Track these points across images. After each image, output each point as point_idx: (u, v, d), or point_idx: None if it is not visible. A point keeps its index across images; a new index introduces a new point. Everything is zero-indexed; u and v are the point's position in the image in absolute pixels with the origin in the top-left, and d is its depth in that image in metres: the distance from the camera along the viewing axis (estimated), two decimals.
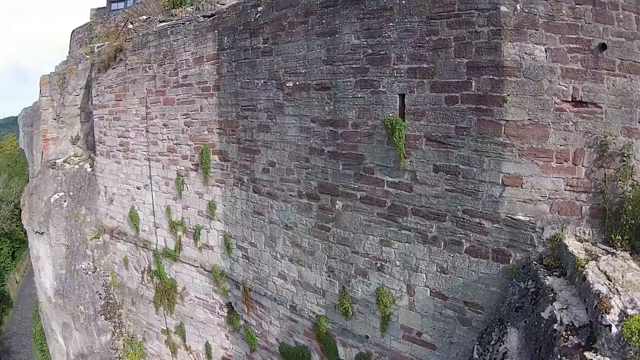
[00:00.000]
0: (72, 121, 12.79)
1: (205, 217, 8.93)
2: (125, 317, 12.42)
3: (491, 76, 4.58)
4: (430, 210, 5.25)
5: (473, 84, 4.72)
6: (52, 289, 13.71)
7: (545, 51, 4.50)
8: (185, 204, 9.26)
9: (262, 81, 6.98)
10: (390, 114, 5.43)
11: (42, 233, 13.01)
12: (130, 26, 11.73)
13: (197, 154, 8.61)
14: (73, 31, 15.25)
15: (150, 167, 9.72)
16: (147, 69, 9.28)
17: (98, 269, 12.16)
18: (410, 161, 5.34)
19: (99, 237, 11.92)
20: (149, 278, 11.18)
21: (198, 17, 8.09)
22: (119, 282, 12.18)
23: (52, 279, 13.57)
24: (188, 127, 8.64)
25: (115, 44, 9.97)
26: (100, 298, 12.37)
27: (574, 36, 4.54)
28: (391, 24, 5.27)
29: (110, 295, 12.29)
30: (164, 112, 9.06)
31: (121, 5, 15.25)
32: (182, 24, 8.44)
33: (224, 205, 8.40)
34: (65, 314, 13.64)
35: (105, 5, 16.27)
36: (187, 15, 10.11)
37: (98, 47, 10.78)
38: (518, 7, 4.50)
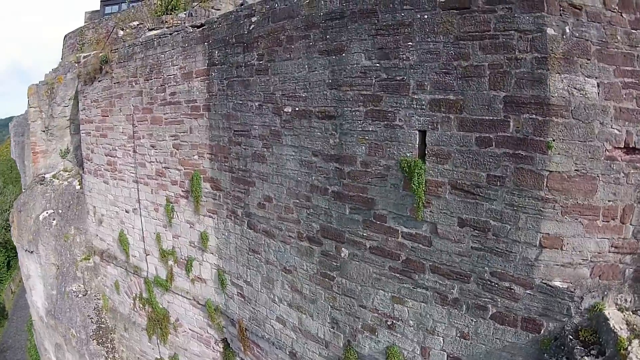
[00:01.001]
0: (61, 133, 11.86)
1: (197, 248, 7.96)
2: (118, 342, 11.54)
3: (534, 115, 3.61)
4: (452, 269, 4.27)
5: (511, 123, 3.72)
6: (44, 308, 12.88)
7: (598, 86, 3.58)
8: (175, 232, 8.29)
9: (256, 104, 5.96)
10: (408, 154, 4.40)
11: (32, 252, 12.15)
12: (121, 33, 10.74)
13: (187, 180, 7.62)
14: (65, 36, 14.25)
15: (138, 190, 8.76)
16: (134, 84, 8.29)
17: (89, 292, 11.28)
18: (431, 211, 4.33)
19: (89, 259, 11.02)
20: (141, 305, 10.27)
21: (186, 27, 7.07)
22: (111, 306, 11.30)
23: (43, 298, 12.73)
24: (177, 149, 7.64)
25: (100, 54, 8.99)
26: (92, 322, 11.51)
27: (630, 68, 3.69)
28: (410, 43, 4.22)
29: (102, 320, 11.42)
30: (152, 131, 8.07)
31: (115, 8, 14.24)
32: (170, 34, 7.42)
33: (217, 238, 7.43)
34: (57, 335, 12.82)
35: (99, 8, 15.35)
36: (179, 22, 9.09)
37: (84, 57, 9.79)
38: (567, 31, 3.49)
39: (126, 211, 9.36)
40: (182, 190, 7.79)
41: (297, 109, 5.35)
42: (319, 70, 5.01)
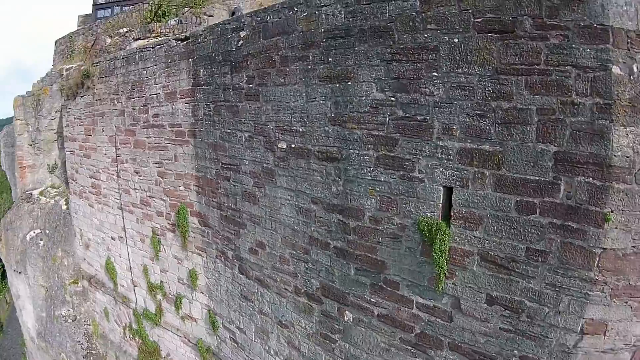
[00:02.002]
0: (49, 147, 10.98)
1: (186, 285, 7.05)
2: None
3: (591, 179, 2.73)
4: (475, 349, 3.40)
5: (562, 187, 2.82)
6: (35, 329, 12.08)
7: None
8: (163, 267, 7.38)
9: (246, 134, 5.00)
10: (429, 214, 3.42)
11: (20, 272, 11.34)
12: (109, 41, 9.80)
13: (174, 212, 6.69)
14: (56, 41, 13.33)
15: (123, 218, 7.85)
16: (115, 102, 7.35)
17: (78, 317, 10.45)
18: (454, 284, 3.39)
19: (78, 283, 10.17)
20: (131, 335, 9.40)
21: (170, 41, 6.10)
22: (102, 332, 10.46)
23: (33, 319, 11.93)
24: (162, 178, 6.71)
25: (82, 68, 8.07)
26: (82, 348, 10.70)
27: None
28: (435, 74, 3.22)
29: (93, 346, 10.58)
30: (135, 156, 7.14)
31: (108, 12, 13.30)
32: (152, 47, 6.45)
33: (207, 278, 6.51)
34: (48, 358, 12.06)
35: (92, 12, 14.38)
36: (167, 31, 8.13)
37: (67, 69, 8.88)
38: (635, 70, 2.59)
39: (112, 238, 8.46)
40: (169, 223, 6.86)
41: (292, 145, 4.38)
42: (319, 101, 4.03)
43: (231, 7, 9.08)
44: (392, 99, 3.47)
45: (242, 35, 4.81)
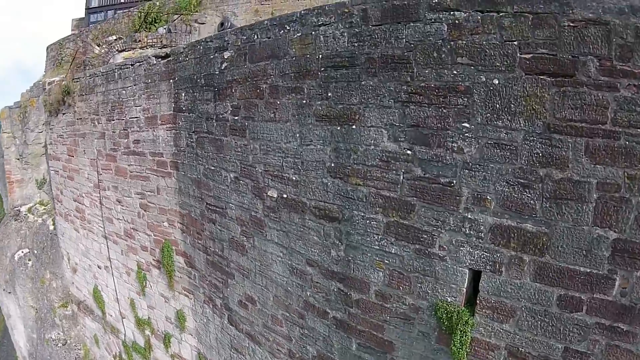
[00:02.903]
0: (37, 161, 10.27)
1: (174, 325, 6.30)
2: None
3: None
4: None
5: (617, 283, 2.07)
6: (26, 350, 11.46)
7: None
8: (150, 303, 6.64)
9: (231, 175, 4.20)
10: (449, 298, 2.59)
11: (10, 292, 10.70)
12: (96, 50, 9.02)
13: (158, 248, 5.93)
14: (48, 47, 12.57)
15: (108, 247, 7.11)
16: (96, 123, 6.57)
17: (69, 342, 9.78)
18: None
19: (67, 307, 9.48)
20: None
21: (150, 58, 5.29)
22: (93, 357, 9.81)
23: (24, 339, 11.30)
24: (145, 211, 5.94)
25: (63, 83, 7.30)
26: None
27: None
28: (466, 125, 2.39)
29: None
30: (117, 184, 6.37)
31: (101, 16, 12.50)
32: (131, 65, 5.65)
33: (195, 322, 5.75)
34: None
35: (84, 16, 13.55)
36: (154, 41, 7.31)
37: (49, 82, 8.12)
38: None
39: (98, 267, 7.73)
40: (154, 259, 6.10)
41: (284, 195, 3.57)
42: (315, 145, 3.21)
43: (225, 13, 8.25)
44: (409, 152, 2.64)
45: (225, 57, 3.99)
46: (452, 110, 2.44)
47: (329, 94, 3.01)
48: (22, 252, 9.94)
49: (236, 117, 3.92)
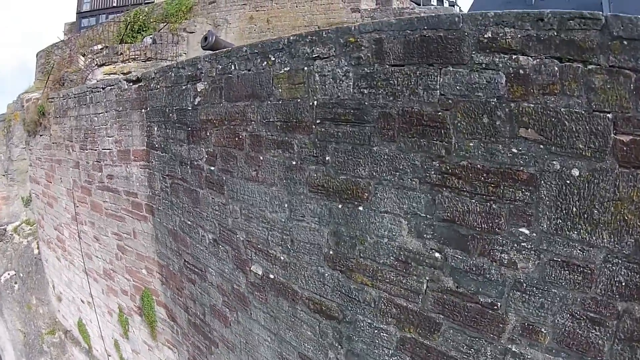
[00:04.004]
0: (22, 178, 9.51)
1: None
2: None
3: None
4: None
5: None
6: None
7: None
8: (134, 347, 5.87)
9: (209, 236, 3.36)
10: None
11: None
12: (81, 61, 8.19)
13: (138, 295, 5.13)
14: (37, 54, 11.78)
15: (89, 284, 6.35)
16: (70, 150, 5.76)
17: None
18: None
19: (55, 334, 8.75)
20: None
21: (121, 82, 4.44)
22: None
23: None
24: (122, 253, 5.13)
25: (39, 102, 6.50)
26: None
27: None
28: (525, 231, 1.48)
29: None
30: (93, 220, 5.56)
31: (93, 20, 11.64)
32: (102, 88, 4.80)
33: None
34: None
35: (75, 20, 12.66)
36: (136, 54, 6.45)
37: (27, 99, 7.32)
38: None
39: (81, 301, 6.97)
40: (135, 306, 5.31)
41: (271, 276, 2.72)
42: (309, 222, 2.36)
43: (216, 20, 7.34)
44: (437, 255, 1.77)
45: (199, 90, 3.12)
46: (506, 207, 1.57)
47: (327, 158, 2.14)
48: (9, 274, 9.24)
49: (212, 168, 3.06)
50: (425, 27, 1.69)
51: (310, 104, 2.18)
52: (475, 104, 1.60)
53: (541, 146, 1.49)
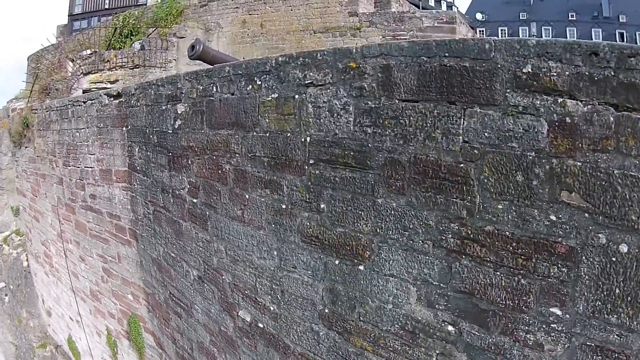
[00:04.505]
0: (12, 187, 9.09)
1: None
2: None
3: None
4: None
5: None
6: None
7: None
8: None
9: (194, 272, 3.01)
10: None
11: None
12: (70, 67, 7.79)
13: (126, 320, 4.79)
14: (28, 58, 11.36)
15: (77, 302, 6.01)
16: (54, 165, 5.39)
17: None
18: None
19: (46, 347, 8.41)
20: None
21: (101, 97, 4.08)
22: None
23: None
24: (108, 276, 4.78)
25: (23, 113, 6.12)
26: None
27: None
28: (558, 311, 1.11)
29: None
30: (78, 239, 5.20)
31: (84, 23, 11.19)
32: (84, 102, 4.43)
33: None
34: None
35: (67, 23, 12.20)
36: (124, 61, 6.08)
37: (12, 109, 6.94)
38: None
39: (70, 318, 6.63)
40: (122, 329, 4.96)
41: (260, 325, 2.38)
42: (302, 275, 2.00)
43: (208, 25, 6.93)
44: (451, 329, 1.42)
45: (179, 112, 2.75)
46: (537, 284, 1.22)
47: (322, 206, 1.79)
48: None
49: (195, 201, 2.71)
50: (447, 54, 1.33)
51: (302, 139, 1.83)
52: (507, 156, 1.25)
53: (586, 215, 1.15)
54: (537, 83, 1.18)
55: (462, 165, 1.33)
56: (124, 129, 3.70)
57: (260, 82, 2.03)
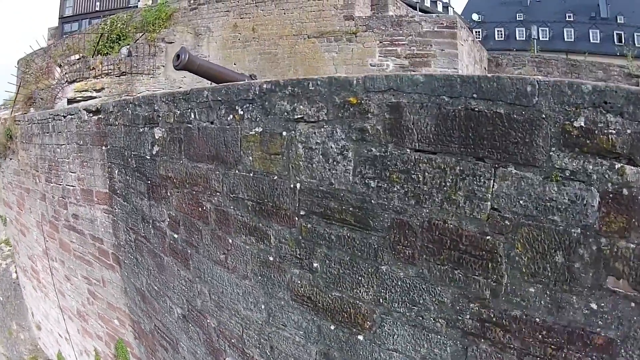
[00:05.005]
0: (0, 195, 8.81)
1: None
2: None
3: None
4: None
5: None
6: None
7: None
8: None
9: (178, 310, 2.72)
10: None
11: None
12: (57, 74, 7.44)
13: (113, 344, 4.51)
14: (19, 61, 10.94)
15: (65, 320, 5.72)
16: (37, 180, 5.07)
17: None
18: None
19: None
20: None
21: (80, 112, 3.76)
22: None
23: None
24: (94, 299, 4.48)
25: (6, 124, 5.78)
26: None
27: None
28: None
29: None
30: (63, 258, 4.90)
31: (75, 26, 10.77)
32: (64, 117, 4.11)
33: None
34: None
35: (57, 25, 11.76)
36: (110, 68, 5.75)
37: None
38: None
39: (59, 334, 6.34)
40: (110, 353, 4.67)
41: None
42: (293, 334, 1.69)
43: (197, 29, 6.58)
44: None
45: (156, 137, 2.46)
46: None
47: (315, 265, 1.50)
48: None
49: (175, 236, 2.42)
50: (475, 95, 1.05)
51: (292, 185, 1.54)
52: (547, 232, 0.97)
53: (632, 304, 0.89)
54: (591, 142, 0.90)
55: (488, 237, 1.05)
56: (104, 148, 3.39)
57: (242, 112, 1.73)
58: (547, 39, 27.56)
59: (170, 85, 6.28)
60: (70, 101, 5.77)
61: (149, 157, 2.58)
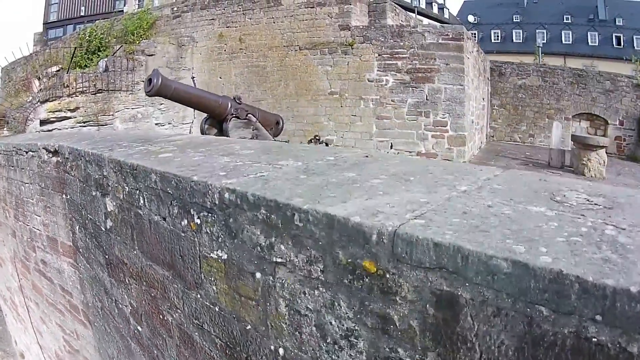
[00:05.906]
0: None
1: None
2: None
3: None
4: None
5: None
6: None
7: None
8: None
9: None
10: None
11: None
12: (36, 86, 6.83)
13: None
14: (3, 69, 10.32)
15: (45, 359, 5.25)
16: (7, 215, 4.55)
17: None
18: None
19: None
20: None
21: (40, 150, 3.22)
22: None
23: None
24: (70, 348, 4.02)
25: None
26: None
27: None
28: None
29: None
30: (37, 300, 4.41)
31: (60, 32, 10.05)
32: (25, 153, 3.58)
33: None
34: None
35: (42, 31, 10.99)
36: (85, 86, 5.18)
37: None
38: None
39: None
40: None
41: None
42: None
43: (181, 39, 5.95)
44: None
45: (108, 209, 1.93)
46: None
47: None
48: None
49: (140, 329, 1.92)
50: (598, 318, 0.55)
51: (272, 347, 1.04)
52: None
53: None
54: None
55: None
56: (64, 197, 2.87)
57: (199, 222, 1.22)
58: (545, 41, 26.58)
59: (151, 102, 5.68)
60: (43, 122, 5.20)
61: (104, 230, 2.07)
